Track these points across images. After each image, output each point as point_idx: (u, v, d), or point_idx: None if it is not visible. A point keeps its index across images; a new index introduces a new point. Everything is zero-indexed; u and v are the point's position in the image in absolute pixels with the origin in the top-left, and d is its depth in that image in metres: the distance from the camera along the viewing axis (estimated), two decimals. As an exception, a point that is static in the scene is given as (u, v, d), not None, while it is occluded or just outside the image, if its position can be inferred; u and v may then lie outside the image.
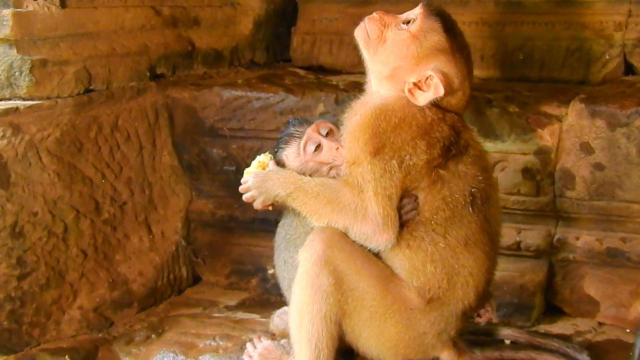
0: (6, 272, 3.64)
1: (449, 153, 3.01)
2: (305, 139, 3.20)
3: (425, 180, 2.98)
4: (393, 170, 2.93)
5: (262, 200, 3.20)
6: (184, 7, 4.78)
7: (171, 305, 4.32)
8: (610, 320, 3.98)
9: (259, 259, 4.43)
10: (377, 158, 2.93)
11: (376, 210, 2.93)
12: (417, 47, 3.03)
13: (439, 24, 3.06)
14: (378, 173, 2.93)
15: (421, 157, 2.95)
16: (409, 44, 3.04)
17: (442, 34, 3.05)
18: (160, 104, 4.40)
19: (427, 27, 3.04)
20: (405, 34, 3.05)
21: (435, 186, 2.99)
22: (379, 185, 2.93)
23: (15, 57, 3.81)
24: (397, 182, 2.94)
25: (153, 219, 4.35)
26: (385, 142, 2.94)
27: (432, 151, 2.97)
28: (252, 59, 5.18)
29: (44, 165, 3.77)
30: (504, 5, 4.63)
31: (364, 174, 2.95)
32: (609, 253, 3.92)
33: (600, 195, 3.83)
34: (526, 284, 4.00)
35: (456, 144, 3.03)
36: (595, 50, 4.44)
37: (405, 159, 2.94)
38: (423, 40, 3.03)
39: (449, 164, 3.01)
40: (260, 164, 3.28)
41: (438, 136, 2.98)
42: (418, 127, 2.98)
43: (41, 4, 3.89)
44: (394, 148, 2.94)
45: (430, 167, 2.97)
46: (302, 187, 3.08)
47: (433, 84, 3.00)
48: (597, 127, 3.77)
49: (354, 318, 3.03)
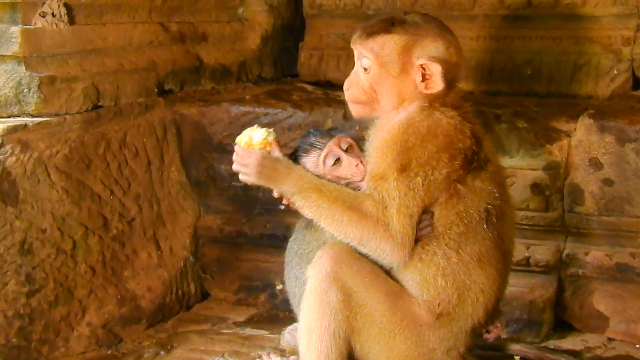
0: (15, 289, 3.63)
1: (470, 165, 2.99)
2: (326, 152, 3.16)
3: (443, 195, 2.96)
4: (417, 188, 2.91)
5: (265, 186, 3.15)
6: (192, 23, 4.80)
7: (180, 322, 4.31)
8: (620, 335, 3.97)
9: (268, 274, 4.42)
10: (403, 175, 2.91)
11: (397, 228, 2.91)
12: (392, 65, 3.03)
13: (383, 32, 3.04)
14: (403, 191, 2.90)
15: (442, 171, 2.93)
16: (385, 71, 3.04)
17: (390, 37, 3.03)
18: (168, 120, 4.41)
19: (381, 46, 3.04)
20: (375, 69, 3.05)
21: (452, 201, 2.97)
22: (403, 203, 2.90)
23: (23, 74, 3.82)
24: (419, 201, 2.92)
25: (161, 235, 4.35)
26: (411, 158, 2.92)
27: (454, 163, 2.94)
28: (259, 74, 5.19)
29: (52, 181, 3.78)
30: (512, 20, 4.63)
31: (389, 190, 2.92)
32: (619, 268, 3.90)
33: (609, 210, 3.82)
34: (535, 300, 3.99)
35: (478, 156, 3.01)
36: (604, 65, 4.43)
37: (428, 174, 2.91)
38: (387, 57, 3.03)
39: (467, 179, 2.99)
40: (263, 142, 3.12)
41: (461, 147, 2.96)
42: (444, 136, 2.95)
43: (49, 21, 3.90)
44: (420, 163, 2.91)
45: (449, 181, 2.95)
46: (318, 187, 3.04)
47: (430, 68, 2.99)
48: (606, 143, 3.77)
49: (362, 334, 3.01)
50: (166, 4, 4.58)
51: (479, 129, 3.09)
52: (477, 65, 4.65)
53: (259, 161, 3.09)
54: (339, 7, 5.04)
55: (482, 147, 3.06)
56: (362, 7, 4.96)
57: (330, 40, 5.05)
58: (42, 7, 3.87)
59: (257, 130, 3.14)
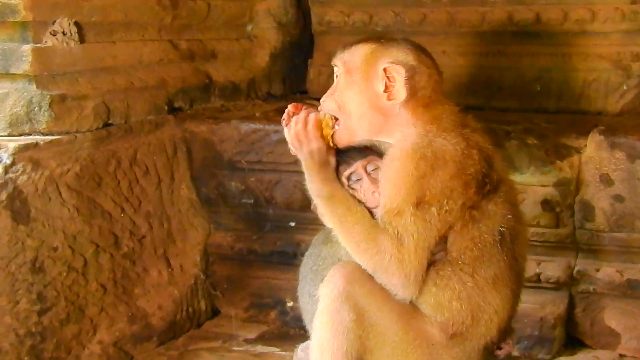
0: (26, 307, 3.63)
1: (483, 189, 2.95)
2: (352, 169, 3.12)
3: (458, 223, 2.92)
4: (433, 219, 2.87)
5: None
6: (201, 41, 4.81)
7: (190, 339, 4.30)
8: (632, 352, 3.95)
9: (278, 292, 4.42)
10: (419, 208, 2.87)
11: (413, 263, 2.87)
12: (356, 71, 3.02)
13: (356, 44, 3.06)
14: (421, 226, 2.86)
15: (457, 201, 2.89)
16: (349, 78, 3.04)
17: (360, 46, 3.04)
18: (179, 138, 4.42)
19: (351, 54, 3.05)
20: (342, 77, 3.05)
21: (467, 227, 2.93)
22: (420, 237, 2.86)
23: (34, 92, 3.82)
24: (436, 232, 2.89)
25: (172, 253, 4.36)
26: (424, 188, 2.87)
27: (468, 191, 2.91)
28: (268, 92, 5.20)
29: (63, 200, 3.79)
30: (521, 36, 4.64)
31: (406, 225, 2.87)
32: (630, 285, 3.90)
33: (620, 227, 3.82)
34: (546, 316, 3.98)
35: (489, 178, 2.97)
36: (613, 81, 4.44)
37: (443, 204, 2.87)
38: (353, 63, 3.03)
39: (482, 203, 2.95)
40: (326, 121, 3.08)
41: (472, 172, 2.92)
42: (453, 162, 2.90)
43: (60, 40, 3.91)
44: (433, 194, 2.87)
45: (464, 209, 2.92)
46: (337, 203, 3.02)
47: (392, 72, 2.96)
48: (617, 159, 3.76)
49: (375, 354, 2.99)
50: (175, 22, 4.60)
51: (488, 148, 3.05)
52: (487, 81, 4.66)
53: (313, 153, 3.07)
54: (347, 24, 5.06)
55: (494, 167, 3.02)
56: (370, 24, 4.98)
57: (339, 57, 5.05)
58: (53, 26, 3.88)
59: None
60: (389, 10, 4.93)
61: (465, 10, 4.76)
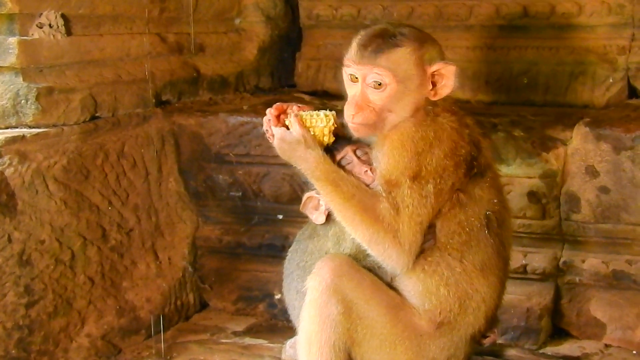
0: (14, 300, 3.63)
1: (471, 171, 3.00)
2: (342, 154, 3.14)
3: (446, 206, 2.97)
4: (428, 195, 2.91)
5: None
6: (189, 34, 4.80)
7: (179, 332, 4.31)
8: (617, 342, 3.99)
9: (266, 284, 4.43)
10: (416, 182, 2.91)
11: (407, 235, 2.91)
12: (410, 79, 3.01)
13: (392, 48, 3.01)
14: (416, 198, 2.90)
15: (448, 181, 2.94)
16: (403, 87, 3.01)
17: (402, 51, 3.01)
18: (166, 131, 4.42)
19: (396, 62, 3.01)
20: (392, 86, 3.00)
21: (454, 210, 2.98)
22: (415, 210, 2.90)
23: (21, 85, 3.82)
24: (430, 208, 2.92)
25: (160, 246, 4.36)
26: (421, 164, 2.92)
27: (458, 172, 2.96)
28: (257, 85, 5.20)
29: (50, 193, 3.78)
30: (508, 30, 4.65)
31: (403, 196, 2.91)
32: (615, 276, 3.92)
33: (605, 218, 3.84)
34: (533, 307, 4.00)
35: (477, 161, 3.02)
36: (599, 74, 4.46)
37: (437, 182, 2.92)
38: (404, 72, 3.00)
39: (469, 187, 3.00)
40: (327, 118, 3.09)
41: (463, 153, 2.97)
42: (449, 140, 2.96)
43: (47, 32, 3.90)
44: (429, 170, 2.92)
45: (453, 190, 2.97)
46: (335, 180, 3.01)
47: (445, 71, 3.02)
48: (602, 151, 3.78)
49: (363, 346, 3.01)
50: (163, 15, 4.59)
51: (478, 134, 3.11)
52: (474, 75, 4.67)
53: (278, 139, 3.08)
54: (336, 17, 5.06)
55: (482, 152, 3.07)
56: (359, 18, 4.98)
57: (328, 50, 5.07)
58: (40, 18, 3.87)
59: (320, 113, 3.12)
60: (377, 3, 4.93)
61: (453, 4, 4.77)
